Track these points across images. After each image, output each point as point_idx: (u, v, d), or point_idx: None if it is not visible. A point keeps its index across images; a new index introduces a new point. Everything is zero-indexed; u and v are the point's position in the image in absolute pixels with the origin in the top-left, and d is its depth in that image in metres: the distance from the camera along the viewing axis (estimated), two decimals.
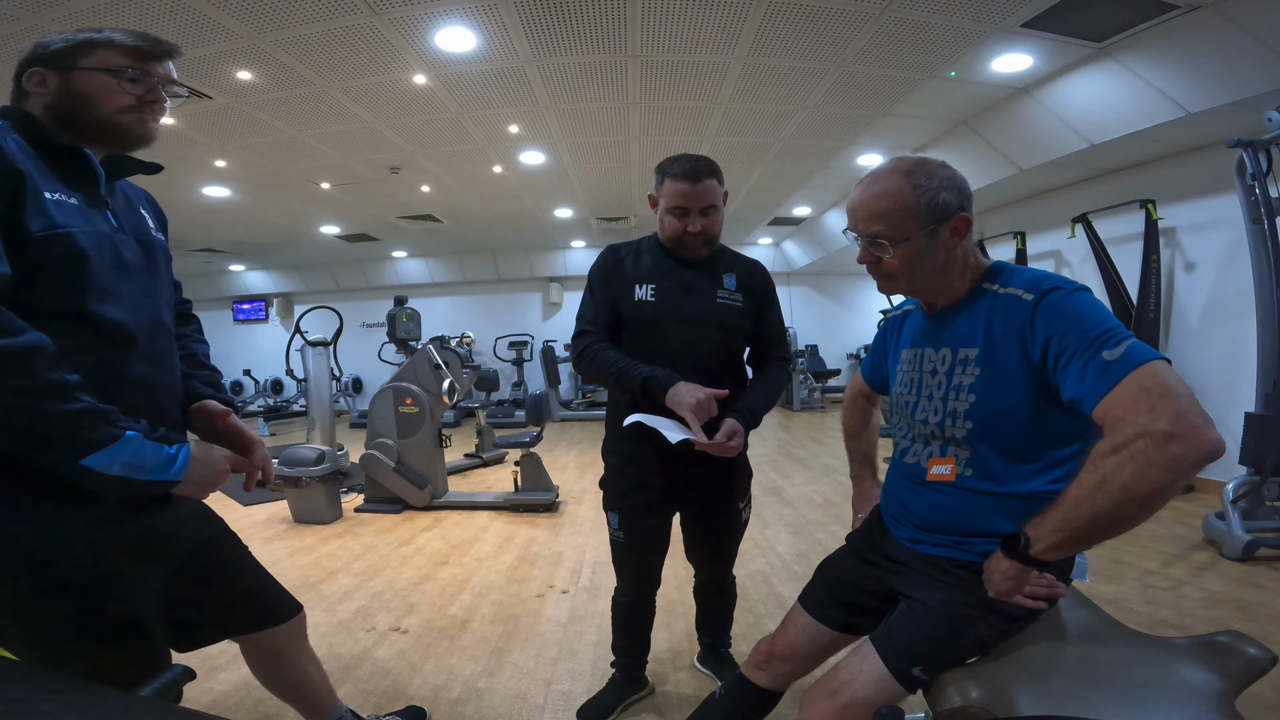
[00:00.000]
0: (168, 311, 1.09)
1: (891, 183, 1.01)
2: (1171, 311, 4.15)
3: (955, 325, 1.06)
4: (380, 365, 8.67)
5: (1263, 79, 2.84)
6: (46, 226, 0.86)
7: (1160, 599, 2.39)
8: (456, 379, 4.19)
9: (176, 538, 1.09)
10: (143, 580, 1.01)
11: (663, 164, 1.50)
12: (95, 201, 0.97)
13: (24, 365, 0.77)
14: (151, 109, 1.02)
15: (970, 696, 0.91)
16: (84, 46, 0.96)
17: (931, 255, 1.02)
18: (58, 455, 0.82)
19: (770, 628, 1.30)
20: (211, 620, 1.20)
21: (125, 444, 0.86)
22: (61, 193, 0.91)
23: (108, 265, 0.95)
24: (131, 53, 0.98)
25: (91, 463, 0.82)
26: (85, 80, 0.96)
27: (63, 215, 0.89)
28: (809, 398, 9.25)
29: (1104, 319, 0.89)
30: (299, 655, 1.38)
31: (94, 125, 0.97)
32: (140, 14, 2.69)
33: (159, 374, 1.02)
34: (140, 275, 1.01)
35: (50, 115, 0.96)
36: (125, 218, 1.04)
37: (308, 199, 6.08)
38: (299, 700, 1.43)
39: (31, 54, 0.96)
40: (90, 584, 0.93)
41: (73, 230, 0.89)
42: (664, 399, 1.36)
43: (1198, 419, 0.76)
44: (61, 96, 0.96)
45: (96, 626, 0.94)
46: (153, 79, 1.00)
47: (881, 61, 3.45)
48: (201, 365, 1.19)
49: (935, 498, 1.08)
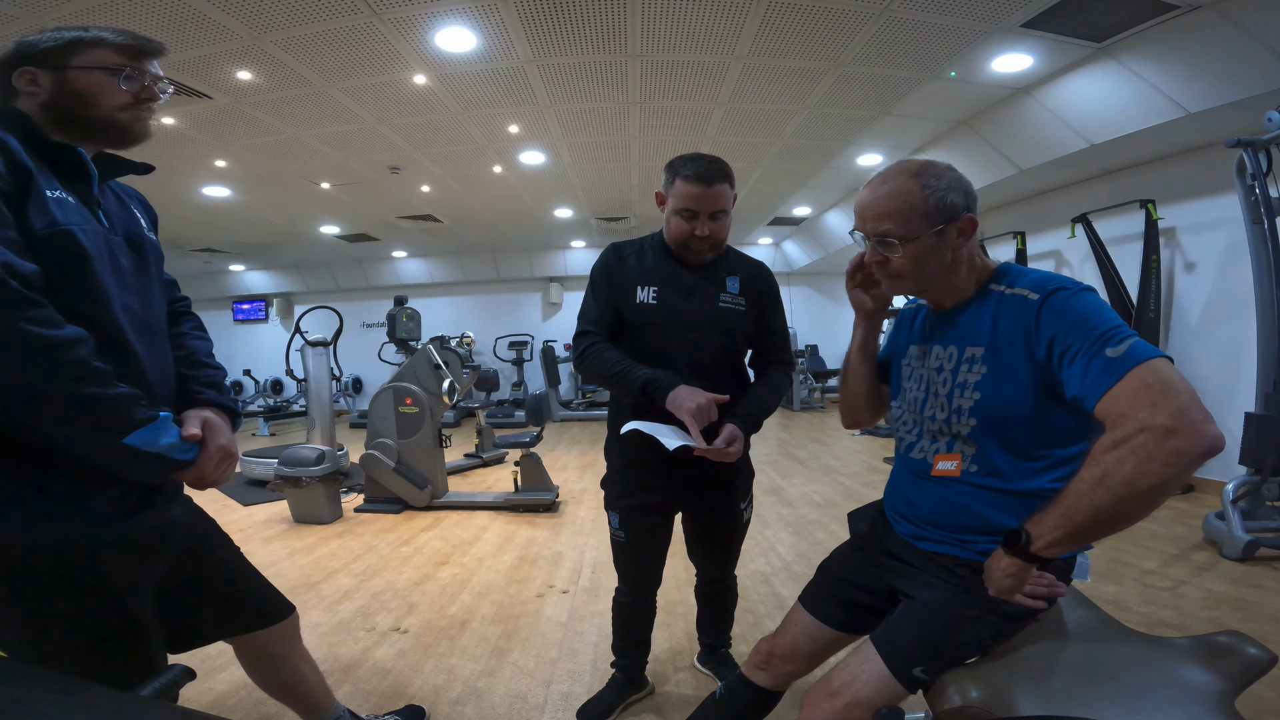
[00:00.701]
0: (159, 311, 1.09)
1: (900, 183, 1.02)
2: (1171, 311, 4.16)
3: (962, 324, 1.07)
4: (380, 365, 8.67)
5: (1263, 79, 2.84)
6: (49, 224, 0.88)
7: (1160, 599, 2.39)
8: (456, 379, 4.19)
9: (172, 538, 1.09)
10: (139, 580, 1.01)
11: (674, 162, 1.48)
12: (88, 201, 0.98)
13: (71, 354, 0.81)
14: (147, 106, 1.02)
15: (970, 696, 0.91)
16: (75, 45, 0.96)
17: (939, 255, 1.03)
18: (103, 435, 0.86)
19: (770, 628, 1.30)
20: (206, 621, 1.21)
21: (162, 424, 0.92)
22: (60, 191, 0.92)
23: (107, 265, 0.95)
24: (125, 51, 0.99)
25: (134, 440, 0.87)
26: (82, 79, 0.96)
27: (63, 213, 0.90)
28: (809, 398, 9.25)
29: (1108, 318, 0.90)
30: (292, 656, 1.38)
31: (93, 123, 0.98)
32: (141, 13, 2.69)
33: (151, 373, 1.02)
34: (131, 275, 1.02)
35: (46, 114, 0.96)
36: (116, 217, 1.04)
37: (308, 199, 6.08)
38: (295, 700, 1.44)
39: (16, 53, 0.95)
40: (87, 584, 0.93)
41: (73, 228, 0.90)
42: (664, 402, 1.36)
43: (1198, 415, 0.76)
44: (58, 95, 0.95)
45: (93, 627, 0.95)
46: (146, 76, 1.01)
47: (881, 61, 3.46)
48: (201, 364, 1.17)
49: (940, 492, 1.08)
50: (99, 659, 0.96)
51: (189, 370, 1.14)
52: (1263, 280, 2.90)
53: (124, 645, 0.99)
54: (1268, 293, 2.87)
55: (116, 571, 0.96)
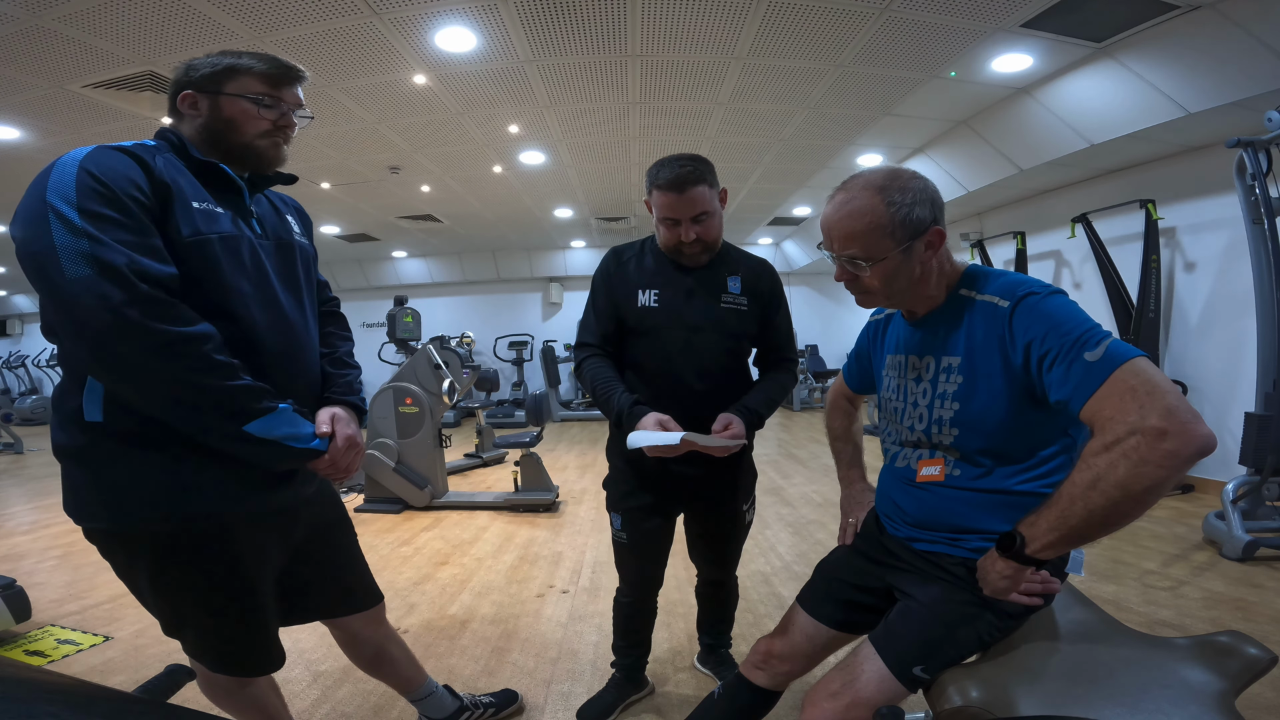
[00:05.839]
0: (307, 311, 1.20)
1: (864, 201, 1.00)
2: (1171, 311, 4.16)
3: (938, 333, 1.08)
4: (380, 365, 8.67)
5: (1263, 79, 2.84)
6: (193, 233, 0.98)
7: (1160, 599, 2.39)
8: (456, 379, 4.19)
9: (299, 517, 1.20)
10: (265, 553, 1.12)
11: (650, 170, 1.45)
12: (241, 211, 1.08)
13: (198, 348, 0.91)
14: (284, 133, 1.11)
15: (970, 696, 0.91)
16: (228, 72, 1.05)
17: (907, 270, 1.03)
18: (224, 423, 0.94)
19: (770, 628, 1.30)
20: (313, 601, 1.31)
21: (281, 414, 1.00)
22: (209, 203, 1.02)
23: (248, 268, 1.05)
24: (266, 79, 1.07)
25: (253, 429, 0.96)
26: (230, 106, 1.05)
27: (207, 223, 1.00)
28: (809, 398, 9.25)
29: (1080, 321, 0.90)
30: (378, 638, 1.48)
31: (235, 148, 1.07)
32: (141, 13, 2.69)
33: (294, 368, 1.12)
34: (279, 277, 1.12)
35: (201, 136, 1.06)
36: (270, 225, 1.15)
37: (307, 199, 6.08)
38: (386, 678, 1.56)
39: (184, 76, 1.06)
40: (215, 552, 1.04)
41: (214, 236, 1.00)
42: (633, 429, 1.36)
43: (1187, 415, 0.77)
44: (211, 119, 1.06)
45: (216, 592, 1.06)
46: (284, 105, 1.10)
47: (881, 61, 3.45)
48: (343, 365, 1.28)
49: (926, 497, 1.09)
50: (219, 624, 1.08)
51: (332, 368, 1.25)
52: (1263, 280, 2.90)
53: (242, 613, 1.09)
54: (1268, 293, 2.87)
55: (246, 543, 1.07)
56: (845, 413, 1.49)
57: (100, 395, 0.95)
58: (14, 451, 7.16)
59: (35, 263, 0.86)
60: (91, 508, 1.00)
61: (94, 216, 0.87)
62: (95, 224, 0.87)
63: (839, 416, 1.49)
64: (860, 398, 1.47)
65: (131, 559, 1.04)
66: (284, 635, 1.22)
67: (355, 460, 1.15)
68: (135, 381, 0.90)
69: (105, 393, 0.95)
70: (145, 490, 0.97)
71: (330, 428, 1.11)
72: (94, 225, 0.87)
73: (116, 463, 0.97)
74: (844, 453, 1.47)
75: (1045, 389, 0.92)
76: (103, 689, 0.42)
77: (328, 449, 1.08)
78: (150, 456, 0.97)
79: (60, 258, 0.85)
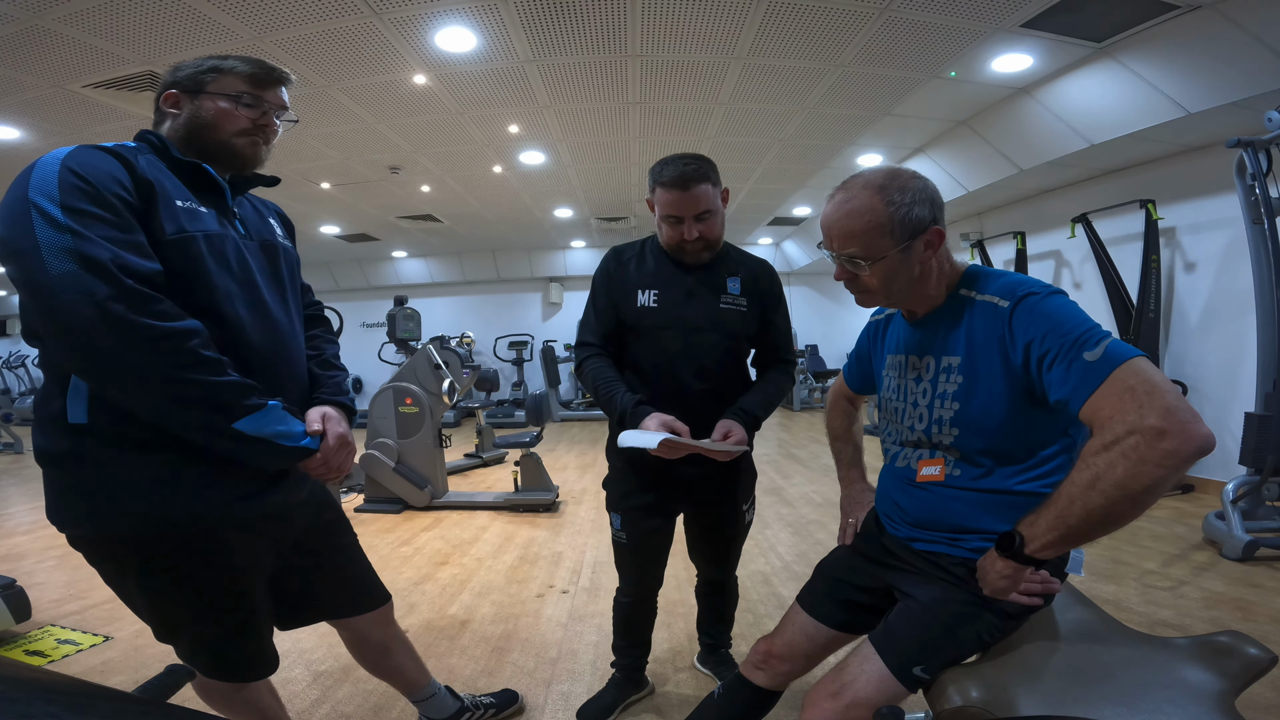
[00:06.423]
0: (293, 311, 1.18)
1: (864, 200, 1.00)
2: (1171, 311, 4.16)
3: (938, 334, 1.08)
4: (380, 365, 8.67)
5: (1263, 79, 2.84)
6: (177, 230, 0.97)
7: (1160, 599, 2.39)
8: (456, 379, 4.19)
9: (292, 521, 1.18)
10: (257, 558, 1.10)
11: (654, 169, 1.46)
12: (224, 211, 1.07)
13: (184, 343, 0.89)
14: (263, 133, 1.10)
15: (970, 696, 0.91)
16: (212, 72, 1.05)
17: (906, 270, 1.03)
18: (213, 419, 0.93)
19: (770, 628, 1.30)
20: (315, 602, 1.30)
21: (270, 412, 0.98)
22: (192, 202, 1.01)
23: (233, 267, 1.04)
24: (248, 79, 1.07)
25: (243, 426, 0.94)
26: (210, 104, 1.05)
27: (191, 221, 0.99)
28: (809, 398, 9.26)
29: (1080, 321, 0.90)
30: (385, 639, 1.47)
31: (211, 146, 1.06)
32: (141, 13, 2.69)
33: (281, 368, 1.11)
34: (263, 277, 1.11)
35: (180, 135, 1.05)
36: (253, 225, 1.14)
37: (308, 199, 6.08)
38: (391, 678, 1.55)
39: (170, 76, 1.06)
40: (207, 557, 1.02)
41: (198, 234, 0.99)
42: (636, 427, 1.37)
43: (1186, 414, 0.77)
44: (191, 118, 1.05)
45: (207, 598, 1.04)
46: (265, 104, 1.08)
47: (881, 61, 3.45)
48: (330, 366, 1.27)
49: (926, 497, 1.09)
50: (209, 630, 1.06)
51: (319, 369, 1.24)
52: (1263, 280, 2.90)
53: (233, 619, 1.07)
54: (1268, 293, 2.87)
55: (236, 548, 1.05)
56: (845, 413, 1.49)
57: (85, 396, 0.93)
58: (14, 451, 7.17)
59: (17, 261, 0.85)
60: (76, 514, 0.98)
61: (77, 213, 0.86)
62: (79, 220, 0.86)
63: (839, 416, 1.49)
64: (861, 398, 1.47)
65: (120, 566, 1.02)
66: (284, 635, 1.22)
67: (347, 460, 1.13)
68: (121, 378, 0.88)
69: (90, 393, 0.93)
70: (130, 495, 0.95)
71: (321, 426, 1.09)
72: (77, 221, 0.85)
73: (101, 467, 0.95)
74: (844, 453, 1.47)
75: (1045, 389, 0.92)
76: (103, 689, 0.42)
77: (319, 448, 1.06)
78: (136, 460, 0.95)
79: (43, 254, 0.83)
